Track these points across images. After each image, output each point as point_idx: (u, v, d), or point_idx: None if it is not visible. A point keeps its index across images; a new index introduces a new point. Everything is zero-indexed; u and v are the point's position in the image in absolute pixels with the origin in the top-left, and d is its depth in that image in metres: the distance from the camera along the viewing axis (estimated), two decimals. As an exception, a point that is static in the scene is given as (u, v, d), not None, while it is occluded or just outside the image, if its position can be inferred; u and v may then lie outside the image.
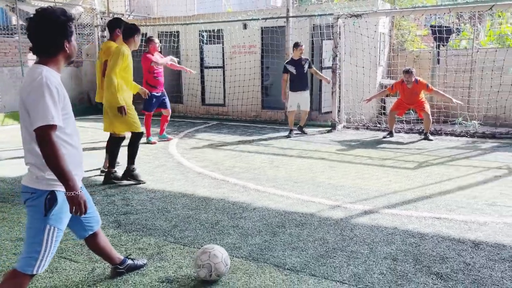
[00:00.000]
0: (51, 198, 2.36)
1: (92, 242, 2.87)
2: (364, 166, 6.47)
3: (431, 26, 9.69)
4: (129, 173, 5.53)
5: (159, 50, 8.63)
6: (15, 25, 12.53)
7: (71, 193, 2.29)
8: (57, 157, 2.23)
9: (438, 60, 9.90)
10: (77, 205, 2.32)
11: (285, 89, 8.98)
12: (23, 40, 11.19)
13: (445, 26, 9.68)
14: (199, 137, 9.11)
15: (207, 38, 11.65)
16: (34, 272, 2.37)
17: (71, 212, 2.36)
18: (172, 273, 3.22)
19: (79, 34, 13.37)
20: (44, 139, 2.23)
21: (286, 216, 4.37)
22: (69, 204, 2.33)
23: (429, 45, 12.69)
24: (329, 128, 9.65)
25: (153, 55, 8.07)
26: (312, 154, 7.35)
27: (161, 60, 8.16)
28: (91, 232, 2.80)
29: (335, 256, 3.47)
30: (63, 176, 2.26)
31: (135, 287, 3.02)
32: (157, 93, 8.15)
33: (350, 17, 8.89)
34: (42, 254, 2.37)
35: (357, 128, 9.73)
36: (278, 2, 23.52)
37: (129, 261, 3.17)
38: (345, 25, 9.54)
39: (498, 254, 3.48)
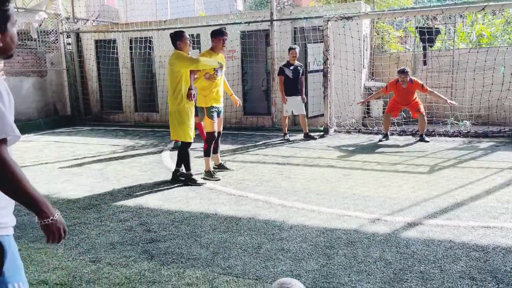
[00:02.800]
0: None
1: None
2: (378, 172, 6.27)
3: (420, 27, 9.73)
4: (174, 175, 6.06)
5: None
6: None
7: (48, 220, 1.70)
8: (20, 178, 1.61)
9: (425, 61, 9.95)
10: (55, 232, 1.75)
11: (283, 92, 8.77)
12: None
13: (434, 28, 9.74)
14: (191, 147, 8.60)
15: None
16: None
17: (47, 242, 1.76)
18: (239, 313, 2.81)
19: (42, 41, 12.44)
20: None
21: (330, 234, 4.04)
22: (45, 234, 1.75)
23: (405, 46, 12.85)
24: (321, 133, 9.44)
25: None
26: (317, 161, 7.08)
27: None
28: None
29: (407, 279, 3.18)
30: (35, 201, 1.66)
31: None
32: None
33: (341, 19, 8.72)
34: None
35: (348, 132, 9.58)
36: (239, 6, 23.31)
37: None
38: (332, 28, 9.36)
39: None
